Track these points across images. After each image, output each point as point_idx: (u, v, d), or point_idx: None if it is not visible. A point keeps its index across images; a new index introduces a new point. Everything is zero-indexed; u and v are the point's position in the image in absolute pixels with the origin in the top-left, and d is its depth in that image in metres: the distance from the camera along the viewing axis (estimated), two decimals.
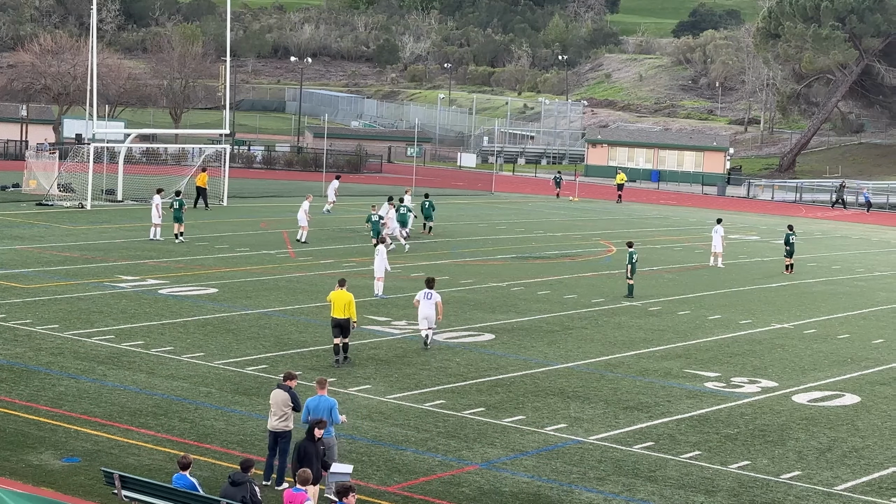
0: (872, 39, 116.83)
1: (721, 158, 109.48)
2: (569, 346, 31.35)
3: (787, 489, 20.37)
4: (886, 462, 22.19)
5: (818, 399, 26.94)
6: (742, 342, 33.21)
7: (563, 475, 20.57)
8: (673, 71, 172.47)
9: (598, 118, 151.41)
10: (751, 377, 28.73)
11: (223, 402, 24.21)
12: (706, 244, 56.28)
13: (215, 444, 21.37)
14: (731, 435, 23.53)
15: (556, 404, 25.19)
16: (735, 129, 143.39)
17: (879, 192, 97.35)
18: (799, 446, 22.98)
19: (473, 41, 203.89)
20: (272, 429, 19.44)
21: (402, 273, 42.20)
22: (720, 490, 20.18)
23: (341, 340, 27.82)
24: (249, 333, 30.82)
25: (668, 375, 28.50)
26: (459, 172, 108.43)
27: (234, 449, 21.08)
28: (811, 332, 35.21)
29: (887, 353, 32.64)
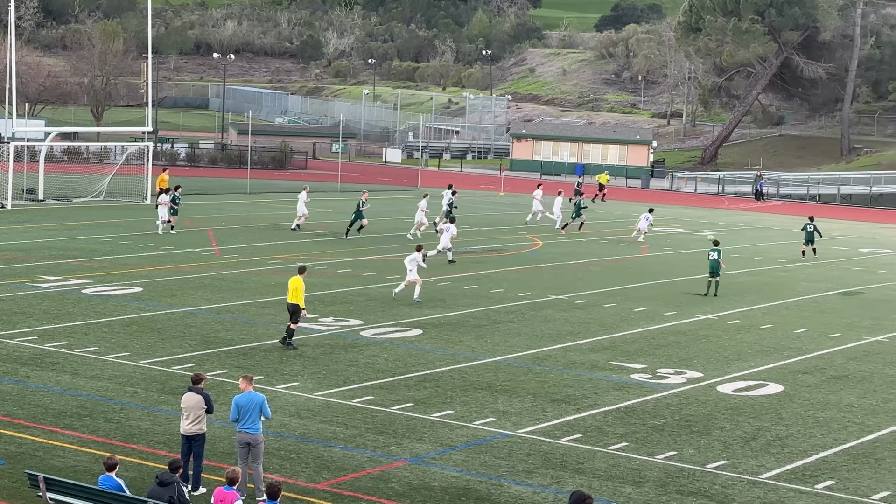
0: (791, 33, 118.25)
1: (644, 151, 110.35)
2: (496, 340, 31.43)
3: (713, 478, 20.58)
4: (809, 450, 22.48)
5: (743, 389, 27.24)
6: (667, 333, 33.49)
7: (492, 469, 20.63)
8: (596, 65, 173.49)
9: (523, 112, 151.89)
10: (676, 368, 28.98)
11: (149, 401, 24.01)
12: (631, 237, 56.71)
13: (141, 445, 21.18)
14: (657, 426, 23.72)
15: (485, 398, 25.26)
16: (658, 122, 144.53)
17: (800, 183, 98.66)
18: (724, 436, 23.21)
19: (397, 37, 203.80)
20: (185, 433, 19.18)
21: (327, 269, 42.10)
22: (647, 481, 20.34)
23: (294, 325, 29.27)
24: (175, 332, 30.58)
25: (595, 368, 28.67)
26: (385, 168, 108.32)
27: (160, 449, 20.91)
28: (735, 323, 35.59)
29: (809, 342, 33.08)
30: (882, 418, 25.02)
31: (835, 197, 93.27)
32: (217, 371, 26.39)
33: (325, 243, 49.90)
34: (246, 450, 18.89)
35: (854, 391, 27.45)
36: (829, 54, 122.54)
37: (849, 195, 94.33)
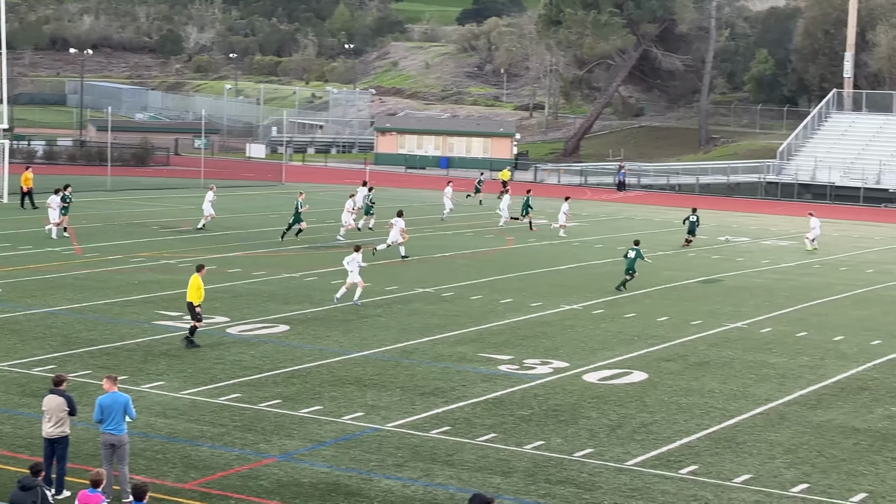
0: (649, 25, 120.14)
1: (508, 144, 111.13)
2: (364, 334, 31.40)
3: (581, 467, 20.82)
4: (673, 436, 22.87)
5: (608, 377, 27.60)
6: (533, 324, 33.78)
7: (362, 463, 20.61)
8: (458, 58, 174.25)
9: (387, 106, 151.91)
10: (543, 358, 29.25)
11: (9, 404, 23.48)
12: (497, 230, 57.12)
13: (2, 449, 20.72)
14: (525, 416, 23.92)
15: (353, 393, 25.21)
16: (521, 114, 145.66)
17: (660, 173, 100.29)
18: (590, 424, 23.50)
19: (259, 31, 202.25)
20: (48, 436, 18.80)
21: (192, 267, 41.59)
22: (516, 471, 20.50)
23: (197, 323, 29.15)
24: (35, 333, 29.95)
25: (463, 360, 28.80)
26: (249, 163, 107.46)
27: (22, 453, 20.47)
28: (599, 313, 36.05)
29: (672, 329, 33.65)
30: (742, 403, 25.56)
31: (694, 187, 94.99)
32: (80, 372, 25.92)
33: (189, 240, 49.33)
34: (110, 451, 18.59)
35: (715, 377, 28.00)
36: (687, 46, 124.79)
37: (707, 185, 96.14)
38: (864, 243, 59.33)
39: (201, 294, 29.19)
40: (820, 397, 26.36)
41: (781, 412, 24.95)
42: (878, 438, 23.12)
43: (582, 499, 19.20)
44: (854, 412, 25.10)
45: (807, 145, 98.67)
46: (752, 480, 20.32)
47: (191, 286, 29.21)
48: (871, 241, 61.03)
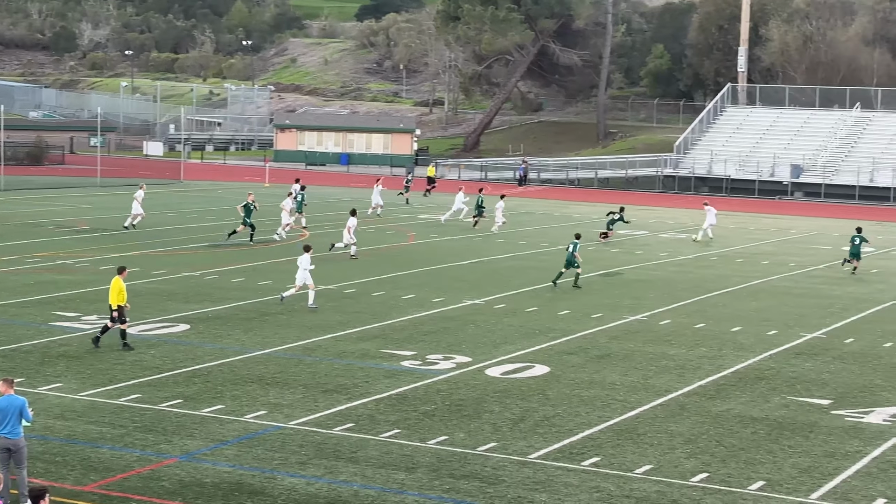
0: (547, 21, 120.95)
1: (408, 140, 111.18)
2: (266, 332, 31.21)
3: (484, 461, 20.89)
4: (576, 428, 23.04)
5: (510, 371, 27.72)
6: (436, 320, 33.83)
7: (265, 462, 20.48)
8: (357, 55, 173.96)
9: (286, 103, 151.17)
10: (446, 354, 29.30)
11: None
12: (399, 226, 57.11)
13: None
14: (428, 412, 23.94)
15: (256, 391, 25.05)
16: (421, 110, 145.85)
17: (560, 168, 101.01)
18: (494, 418, 23.59)
19: (155, 27, 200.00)
20: None
21: (90, 266, 41.06)
22: (420, 466, 20.51)
23: (112, 325, 28.54)
24: None
25: (366, 356, 28.76)
26: (146, 161, 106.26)
27: None
28: (501, 307, 36.20)
29: (573, 323, 33.89)
30: (643, 395, 25.83)
31: (593, 181, 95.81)
32: None
33: (86, 240, 48.66)
34: (7, 455, 18.25)
35: (616, 369, 28.26)
36: (584, 42, 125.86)
37: (606, 179, 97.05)
38: (759, 235, 60.27)
39: (124, 296, 28.53)
40: (719, 387, 26.73)
41: (681, 403, 25.26)
42: (775, 427, 23.51)
43: (486, 493, 19.26)
44: (752, 401, 25.49)
45: (703, 139, 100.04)
46: (653, 471, 20.54)
47: (112, 289, 28.57)
48: (767, 232, 62.02)
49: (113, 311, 28.54)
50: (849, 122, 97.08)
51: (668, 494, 19.37)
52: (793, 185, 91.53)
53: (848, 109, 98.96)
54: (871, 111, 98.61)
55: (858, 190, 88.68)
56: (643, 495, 19.29)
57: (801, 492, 19.66)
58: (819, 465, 21.13)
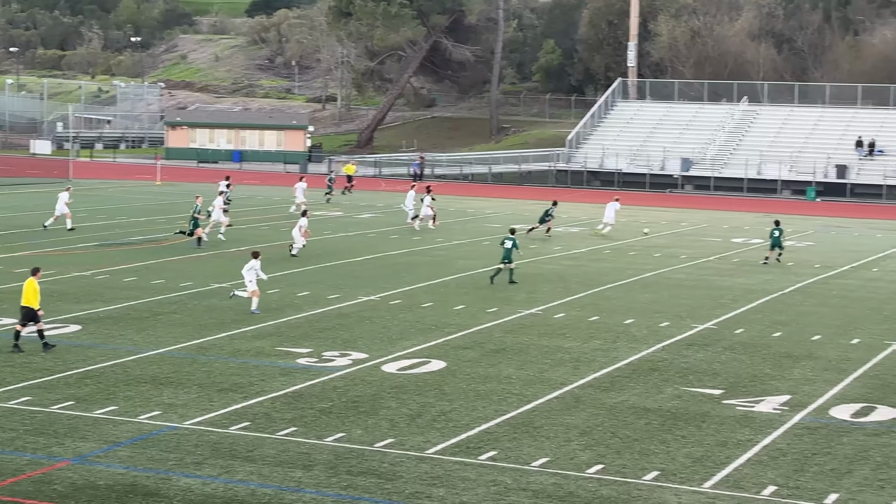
0: (439, 16, 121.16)
1: (301, 136, 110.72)
2: (159, 332, 30.86)
3: (382, 457, 20.88)
4: (472, 423, 23.11)
5: (407, 367, 27.73)
6: (331, 316, 33.73)
7: (160, 463, 20.25)
8: (249, 51, 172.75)
9: (177, 100, 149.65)
10: (342, 350, 29.22)
11: None
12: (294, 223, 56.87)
13: None
14: (325, 409, 23.86)
15: (149, 392, 24.76)
16: (314, 106, 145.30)
17: (453, 163, 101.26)
18: (391, 414, 23.58)
19: (41, 24, 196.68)
20: None
21: None
22: (317, 464, 20.44)
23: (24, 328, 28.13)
24: None
25: (261, 354, 28.58)
26: (33, 160, 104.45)
27: None
28: (397, 303, 36.19)
29: (468, 318, 34.00)
30: (539, 388, 25.99)
31: (486, 176, 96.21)
32: None
33: None
34: None
35: (512, 363, 28.41)
36: (476, 37, 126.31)
37: (500, 174, 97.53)
38: (651, 228, 60.96)
39: (38, 298, 28.07)
40: (613, 379, 27.00)
41: (576, 395, 25.47)
42: (669, 418, 23.81)
43: (384, 489, 19.25)
44: (645, 393, 25.79)
45: (594, 133, 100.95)
46: (550, 463, 20.69)
47: (26, 290, 28.03)
48: (658, 225, 62.77)
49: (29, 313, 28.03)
50: (736, 116, 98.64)
51: (564, 486, 19.52)
52: (683, 178, 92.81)
53: (735, 103, 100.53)
54: (758, 105, 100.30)
55: (746, 182, 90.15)
56: (540, 488, 19.42)
57: (694, 481, 19.94)
58: (711, 454, 21.44)
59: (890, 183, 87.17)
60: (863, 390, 26.53)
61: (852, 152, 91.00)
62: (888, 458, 21.35)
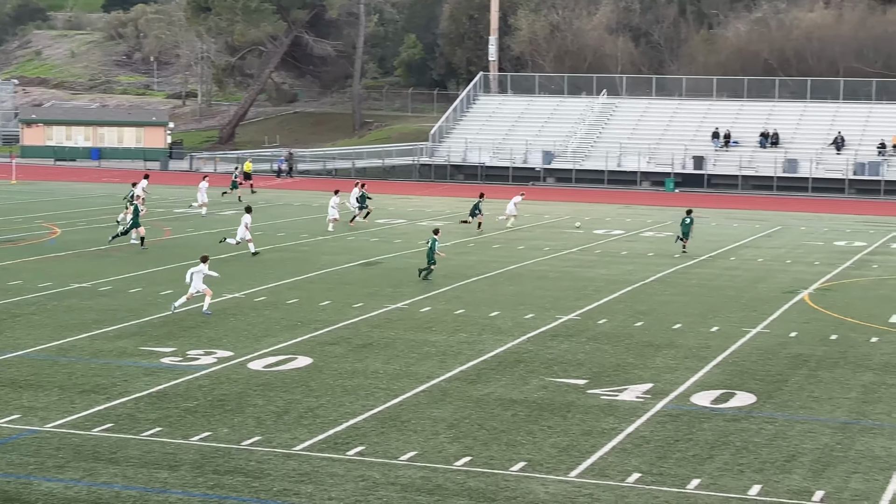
0: (299, 11, 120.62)
1: (162, 133, 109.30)
2: (17, 333, 30.21)
3: (249, 455, 20.73)
4: (340, 418, 23.07)
5: (273, 364, 27.56)
6: (195, 315, 33.35)
7: (20, 467, 19.84)
8: (106, 46, 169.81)
9: (32, 97, 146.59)
10: (207, 349, 28.94)
11: None
12: (155, 221, 56.07)
13: None
14: (190, 408, 23.61)
15: (8, 395, 24.22)
16: (174, 103, 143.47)
17: (317, 158, 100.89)
18: (257, 412, 23.42)
19: None
20: None
21: None
22: (183, 464, 20.21)
23: None
24: None
25: (124, 355, 28.16)
26: None
27: None
28: (262, 300, 35.95)
29: (335, 313, 33.91)
30: (406, 382, 26.05)
31: (350, 171, 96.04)
32: None
33: None
34: None
35: (379, 358, 28.42)
36: (337, 32, 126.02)
37: (363, 168, 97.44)
38: (514, 221, 61.45)
39: None
40: (479, 372, 27.17)
41: (443, 388, 25.58)
42: (535, 409, 24.04)
43: (251, 487, 19.12)
44: (511, 384, 26.00)
45: (457, 127, 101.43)
46: (418, 457, 20.75)
47: None
48: (522, 219, 63.25)
49: None
50: (596, 109, 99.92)
51: (432, 479, 19.59)
52: (545, 170, 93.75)
53: (595, 96, 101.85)
54: (617, 98, 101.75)
55: (607, 174, 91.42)
56: (408, 482, 19.47)
57: (560, 470, 20.17)
58: (577, 443, 21.71)
59: (745, 173, 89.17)
60: (722, 377, 27.11)
61: (709, 143, 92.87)
62: (747, 442, 21.85)
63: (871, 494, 19.17)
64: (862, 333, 32.51)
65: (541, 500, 18.76)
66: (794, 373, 27.57)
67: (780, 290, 40.10)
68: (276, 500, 18.61)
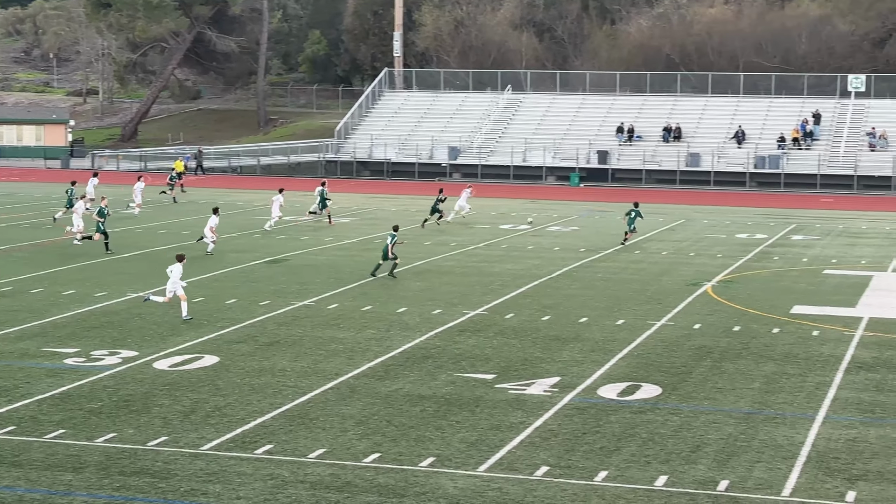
0: (202, 7, 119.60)
1: (62, 131, 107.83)
2: None
3: (155, 455, 20.54)
4: (247, 417, 22.94)
5: (179, 364, 27.33)
6: (99, 315, 32.97)
7: None
8: (3, 43, 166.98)
9: None
10: (111, 349, 28.61)
11: None
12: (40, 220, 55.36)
13: None
14: (95, 409, 23.33)
15: None
16: (74, 100, 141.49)
17: (221, 156, 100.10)
18: (164, 412, 23.21)
19: None
20: None
21: None
22: (88, 466, 19.97)
23: None
24: None
25: (26, 356, 27.74)
26: None
27: None
28: None
29: (241, 311, 33.70)
30: (314, 379, 25.97)
31: (255, 168, 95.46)
32: None
33: None
34: None
35: (286, 355, 28.30)
36: (241, 28, 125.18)
37: (269, 165, 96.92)
38: (420, 217, 61.51)
39: None
40: (387, 368, 27.17)
41: (352, 385, 25.54)
42: (443, 404, 24.10)
43: (158, 488, 18.94)
44: (420, 380, 26.04)
45: (363, 123, 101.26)
46: (327, 454, 20.70)
47: None
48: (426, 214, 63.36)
49: None
50: (501, 104, 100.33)
51: (341, 477, 19.56)
52: (451, 166, 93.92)
53: (500, 92, 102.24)
54: (522, 93, 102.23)
55: (513, 169, 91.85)
56: (317, 479, 19.41)
57: (469, 465, 20.23)
58: (486, 438, 21.79)
59: (649, 167, 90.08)
60: (628, 369, 27.38)
61: (613, 138, 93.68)
62: (653, 434, 22.09)
63: (775, 483, 19.49)
64: (764, 324, 33.03)
65: (450, 495, 18.81)
66: (698, 364, 27.94)
67: (683, 282, 40.59)
68: (183, 500, 18.46)
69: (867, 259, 47.80)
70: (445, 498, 18.68)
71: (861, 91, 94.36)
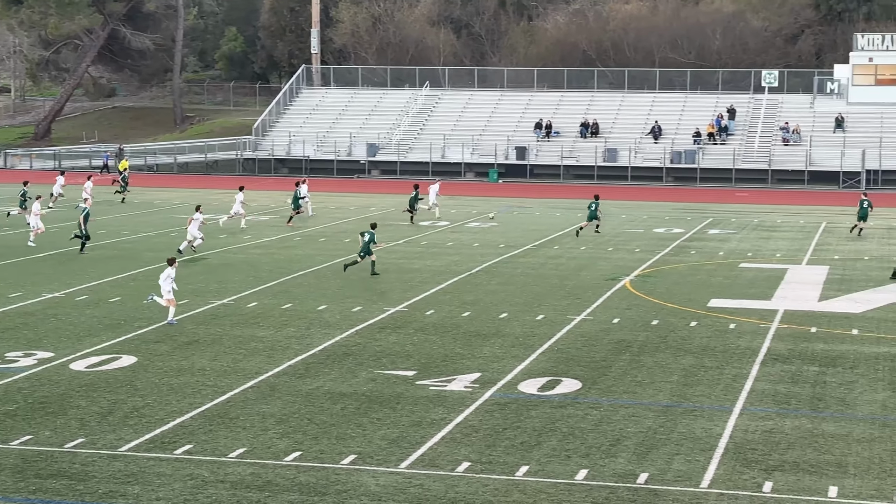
0: (116, 4, 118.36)
1: None
2: None
3: (73, 457, 20.30)
4: (166, 417, 22.75)
5: (96, 364, 27.03)
6: (13, 315, 32.51)
7: None
8: None
9: None
10: (26, 350, 28.23)
11: None
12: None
13: None
14: (10, 411, 23.00)
15: None
16: None
17: (138, 154, 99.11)
18: (81, 413, 22.94)
19: None
20: None
21: None
22: (3, 469, 19.69)
23: None
24: None
25: None
26: None
27: None
28: (83, 299, 35.21)
29: (158, 311, 33.35)
30: (233, 378, 25.81)
31: (172, 166, 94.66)
32: None
33: None
34: None
35: (206, 355, 28.10)
36: (156, 25, 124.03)
37: (186, 163, 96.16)
38: (340, 214, 61.41)
39: None
40: (308, 366, 27.08)
41: (272, 384, 25.42)
42: (364, 401, 24.06)
43: (75, 490, 18.72)
44: (340, 378, 25.98)
45: (281, 121, 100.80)
46: (247, 453, 20.58)
47: None
48: (347, 211, 63.26)
49: None
50: (419, 101, 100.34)
51: (262, 476, 19.46)
52: (370, 163, 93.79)
53: (418, 88, 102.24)
54: (440, 90, 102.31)
55: (432, 166, 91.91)
56: (238, 479, 19.30)
57: (391, 462, 20.22)
58: (407, 434, 21.79)
59: (567, 163, 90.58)
60: (548, 364, 27.52)
61: (531, 134, 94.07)
62: (574, 428, 22.22)
63: (693, 475, 19.68)
64: (681, 318, 33.36)
65: (372, 492, 18.78)
66: (617, 358, 28.15)
67: (602, 277, 40.87)
68: (101, 502, 18.27)
69: (782, 252, 48.46)
70: (367, 495, 18.65)
71: (774, 86, 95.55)
